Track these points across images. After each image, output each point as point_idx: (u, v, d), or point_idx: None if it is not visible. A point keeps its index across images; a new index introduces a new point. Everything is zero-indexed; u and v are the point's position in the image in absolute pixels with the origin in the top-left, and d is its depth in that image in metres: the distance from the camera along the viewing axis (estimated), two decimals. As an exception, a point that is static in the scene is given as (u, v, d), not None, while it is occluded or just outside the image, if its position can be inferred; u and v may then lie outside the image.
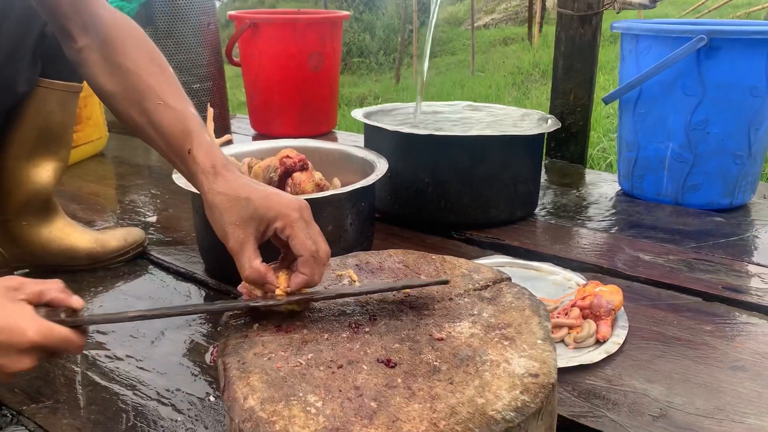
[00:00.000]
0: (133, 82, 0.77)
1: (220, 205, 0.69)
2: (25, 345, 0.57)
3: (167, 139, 0.76)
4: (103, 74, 0.78)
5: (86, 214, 1.40)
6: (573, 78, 1.71)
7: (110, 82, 0.78)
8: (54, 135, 1.04)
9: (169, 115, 0.76)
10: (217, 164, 0.72)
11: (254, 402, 0.53)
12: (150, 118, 0.76)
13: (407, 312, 0.67)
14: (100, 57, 0.78)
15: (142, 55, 0.80)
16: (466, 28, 8.20)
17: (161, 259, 1.17)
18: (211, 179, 0.71)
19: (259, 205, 0.68)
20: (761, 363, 0.84)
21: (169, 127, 0.75)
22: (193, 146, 0.73)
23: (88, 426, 0.73)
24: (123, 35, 0.80)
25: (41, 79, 0.99)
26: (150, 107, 0.76)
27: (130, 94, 0.77)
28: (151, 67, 0.79)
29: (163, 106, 0.76)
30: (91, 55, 0.78)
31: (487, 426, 0.49)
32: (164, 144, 0.76)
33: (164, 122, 0.76)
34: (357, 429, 0.49)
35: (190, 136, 0.74)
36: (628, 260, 1.14)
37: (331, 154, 1.23)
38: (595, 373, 0.82)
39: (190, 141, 0.74)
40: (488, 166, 1.25)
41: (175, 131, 0.75)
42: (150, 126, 0.77)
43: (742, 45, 1.26)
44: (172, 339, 0.92)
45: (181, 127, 0.75)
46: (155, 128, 0.76)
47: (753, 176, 1.40)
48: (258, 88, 2.04)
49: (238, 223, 0.67)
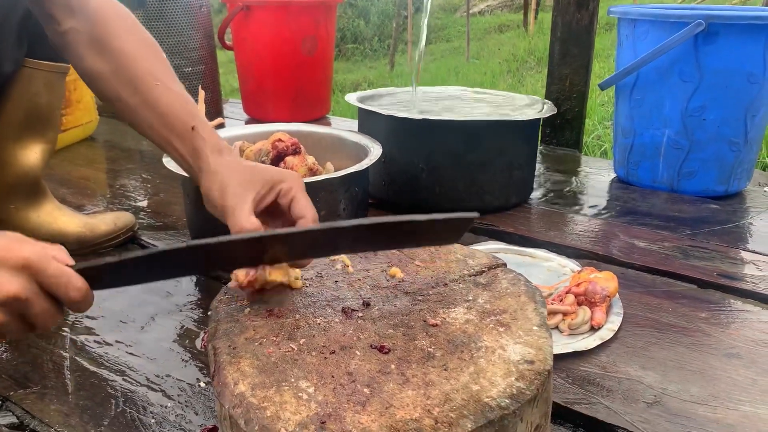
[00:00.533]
0: (127, 63, 0.76)
1: (223, 170, 0.69)
2: (17, 261, 0.53)
3: (166, 118, 0.74)
4: (91, 55, 0.77)
5: (76, 199, 1.38)
6: (569, 63, 1.70)
7: (99, 62, 0.76)
8: (41, 116, 1.02)
9: (168, 95, 0.75)
10: (223, 145, 0.73)
11: (245, 387, 0.52)
12: (145, 98, 0.75)
13: (401, 297, 0.66)
14: (88, 38, 0.76)
15: (135, 37, 0.78)
16: (462, 15, 8.16)
17: (152, 244, 1.15)
18: (218, 153, 0.71)
19: (262, 170, 0.69)
20: (756, 350, 0.84)
21: (169, 106, 0.74)
22: (197, 123, 0.73)
23: (76, 411, 0.72)
24: (113, 17, 0.78)
25: (27, 59, 0.97)
26: (145, 87, 0.75)
27: (123, 75, 0.76)
28: (145, 50, 0.78)
29: (161, 87, 0.75)
30: (78, 37, 0.77)
31: (482, 413, 0.49)
32: (161, 123, 0.75)
33: (163, 101, 0.75)
34: (349, 415, 0.48)
35: (192, 115, 0.74)
36: (623, 247, 1.13)
37: (324, 139, 1.22)
38: (589, 359, 0.82)
39: (194, 119, 0.73)
40: (483, 151, 1.23)
41: (175, 110, 0.74)
42: (145, 106, 0.75)
43: (740, 31, 1.25)
44: (162, 324, 0.91)
45: (181, 106, 0.75)
46: (152, 107, 0.75)
47: (749, 163, 1.39)
48: (251, 72, 2.02)
49: (240, 183, 0.67)
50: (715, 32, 1.26)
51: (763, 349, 0.84)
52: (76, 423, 0.71)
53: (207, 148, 0.72)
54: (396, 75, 6.43)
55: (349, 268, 0.72)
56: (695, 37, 1.27)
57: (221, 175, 0.69)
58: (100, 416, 0.72)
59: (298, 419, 0.48)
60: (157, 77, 0.75)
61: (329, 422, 0.48)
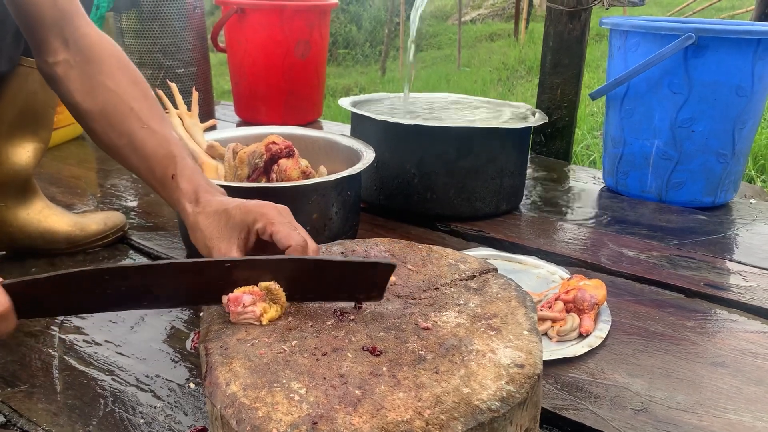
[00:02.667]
0: (115, 103, 0.76)
1: (201, 223, 0.70)
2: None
3: (149, 164, 0.75)
4: (81, 92, 0.77)
5: (66, 198, 1.37)
6: (560, 73, 1.71)
7: (88, 100, 0.77)
8: (35, 115, 1.02)
9: (152, 140, 0.75)
10: (199, 189, 0.73)
11: (237, 388, 0.52)
12: (131, 140, 0.76)
13: (393, 301, 0.66)
14: (79, 74, 0.77)
15: (126, 77, 0.79)
16: (453, 23, 8.20)
17: (142, 244, 1.15)
18: (194, 202, 0.72)
19: (236, 213, 0.68)
20: (741, 359, 0.85)
21: (152, 151, 0.75)
22: (176, 171, 0.73)
23: (64, 411, 0.72)
24: (107, 56, 0.79)
25: (23, 58, 0.97)
26: (132, 130, 0.76)
27: (110, 115, 0.76)
28: (134, 91, 0.78)
29: (146, 130, 0.75)
30: (70, 72, 0.77)
31: (472, 415, 0.49)
32: (145, 168, 0.76)
33: (147, 146, 0.75)
34: (341, 417, 0.49)
35: (173, 161, 0.74)
36: (611, 255, 1.14)
37: (317, 142, 1.22)
38: (577, 366, 0.83)
39: (174, 166, 0.74)
40: (475, 158, 1.24)
41: (158, 156, 0.75)
42: (130, 149, 0.76)
43: (730, 44, 1.26)
44: (152, 325, 0.90)
45: (164, 152, 0.75)
46: (137, 151, 0.76)
47: (736, 175, 1.41)
48: (243, 74, 2.02)
49: (219, 236, 0.68)
50: (705, 45, 1.27)
51: (748, 359, 0.85)
52: (64, 422, 0.70)
53: (184, 199, 0.72)
54: (387, 80, 6.45)
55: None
56: (685, 49, 1.28)
57: (201, 232, 0.70)
58: (88, 416, 0.71)
59: (289, 420, 0.48)
60: (144, 120, 0.76)
61: (321, 423, 0.48)
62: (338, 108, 4.69)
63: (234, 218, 0.68)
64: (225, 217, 0.69)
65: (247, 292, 0.61)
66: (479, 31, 8.15)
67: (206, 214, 0.70)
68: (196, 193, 0.72)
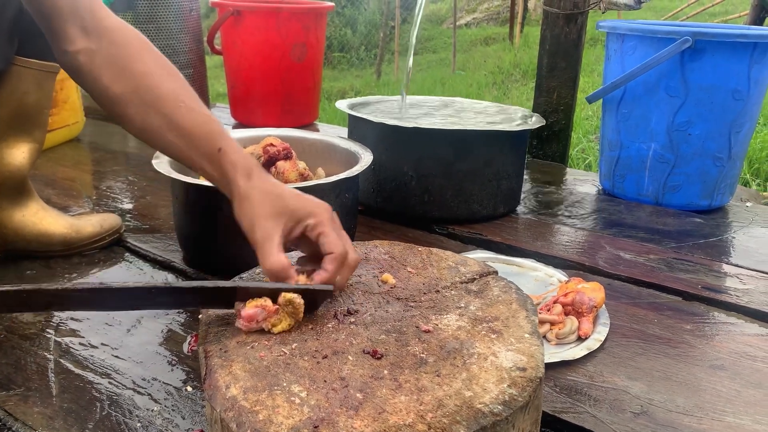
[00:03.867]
0: (149, 85, 0.75)
1: (253, 198, 0.69)
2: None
3: (192, 140, 0.74)
4: (109, 76, 0.75)
5: (61, 200, 1.36)
6: (557, 76, 1.72)
7: (118, 84, 0.75)
8: (29, 115, 1.01)
9: (193, 116, 0.74)
10: (251, 165, 0.72)
11: (237, 391, 0.51)
12: (170, 119, 0.74)
13: (393, 303, 0.66)
14: (105, 59, 0.75)
15: (153, 59, 0.78)
16: (448, 27, 8.21)
17: (138, 247, 1.14)
18: (246, 175, 0.71)
19: (291, 202, 0.68)
20: (740, 362, 0.85)
21: (194, 127, 0.74)
22: (223, 145, 0.72)
23: (60, 414, 0.71)
24: (130, 39, 0.78)
25: (17, 57, 0.96)
26: (169, 109, 0.74)
27: (144, 97, 0.75)
28: (164, 71, 0.77)
29: (185, 108, 0.74)
30: (94, 58, 0.75)
31: (475, 419, 0.49)
32: (188, 145, 0.75)
33: (188, 123, 0.74)
34: (342, 420, 0.48)
35: (220, 135, 0.73)
36: (609, 258, 1.14)
37: (315, 145, 1.22)
38: (576, 369, 0.82)
39: (221, 140, 0.73)
40: (472, 160, 1.24)
41: (202, 131, 0.74)
42: (170, 127, 0.74)
43: (726, 48, 1.27)
44: (149, 327, 0.90)
45: (208, 128, 0.74)
46: (177, 129, 0.74)
47: (732, 179, 1.41)
48: (240, 77, 2.01)
49: (268, 215, 0.67)
50: (702, 49, 1.28)
51: (746, 362, 0.85)
52: (59, 426, 0.69)
53: (236, 171, 0.71)
54: (382, 84, 6.46)
55: (340, 273, 0.72)
56: (682, 53, 1.29)
57: (250, 206, 0.69)
58: (84, 419, 0.71)
59: (290, 423, 0.48)
60: (180, 98, 0.75)
61: (322, 427, 0.47)
62: (334, 111, 4.70)
63: (288, 205, 0.68)
64: (279, 201, 0.68)
65: (260, 306, 0.61)
66: (474, 35, 8.17)
67: (261, 190, 0.69)
68: (248, 168, 0.71)
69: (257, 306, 0.61)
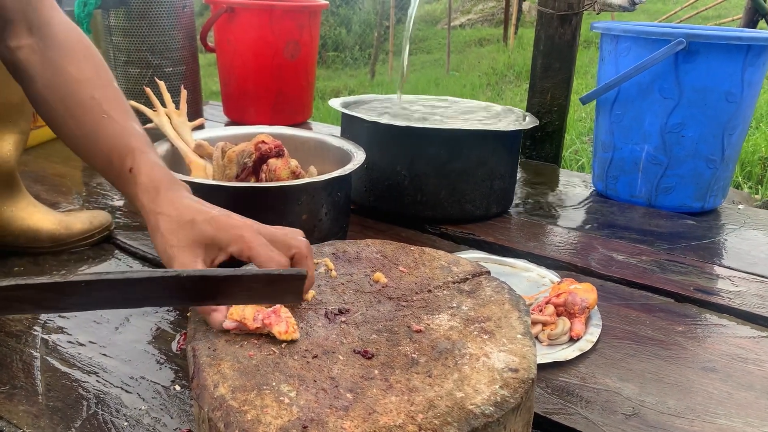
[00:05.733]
0: (76, 91, 0.72)
1: (162, 226, 0.64)
2: None
3: (107, 156, 0.71)
4: (42, 78, 0.73)
5: (50, 196, 1.35)
6: (551, 77, 1.71)
7: (48, 89, 0.73)
8: (12, 105, 0.99)
9: (111, 130, 0.71)
10: (160, 185, 0.67)
11: (225, 390, 0.51)
12: (91, 130, 0.71)
13: (385, 303, 0.65)
14: (41, 60, 0.73)
15: (90, 65, 0.75)
16: (443, 27, 8.22)
17: (128, 244, 1.13)
18: (153, 199, 0.66)
19: (205, 229, 0.63)
20: (731, 364, 0.85)
21: (111, 142, 0.70)
22: (134, 165, 0.68)
23: (46, 413, 0.70)
24: (72, 42, 0.75)
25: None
26: (90, 119, 0.72)
27: (70, 103, 0.72)
28: (97, 79, 0.74)
29: (107, 120, 0.71)
30: (32, 57, 0.73)
31: (466, 420, 0.48)
32: (103, 160, 0.71)
33: (106, 137, 0.71)
34: (332, 420, 0.47)
35: (132, 154, 0.69)
36: (601, 259, 1.14)
37: (307, 143, 1.21)
38: (568, 370, 0.82)
39: (132, 159, 0.69)
40: (465, 160, 1.24)
41: (117, 147, 0.70)
42: (89, 140, 0.72)
43: (720, 50, 1.27)
44: (137, 326, 0.89)
45: (123, 144, 0.70)
46: (94, 142, 0.71)
47: (724, 181, 1.42)
48: (232, 74, 2.00)
49: (184, 246, 0.62)
50: (696, 51, 1.28)
51: (738, 364, 0.85)
52: (45, 425, 0.68)
53: (142, 195, 0.66)
54: (376, 84, 6.46)
55: (332, 272, 0.71)
56: (676, 55, 1.29)
57: (162, 237, 0.63)
58: (71, 418, 0.70)
59: (279, 423, 0.47)
60: (105, 109, 0.72)
61: (311, 427, 0.47)
62: (327, 110, 4.68)
63: (203, 233, 0.63)
64: (193, 230, 0.63)
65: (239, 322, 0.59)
66: (468, 36, 8.18)
67: (168, 218, 0.64)
68: (156, 190, 0.66)
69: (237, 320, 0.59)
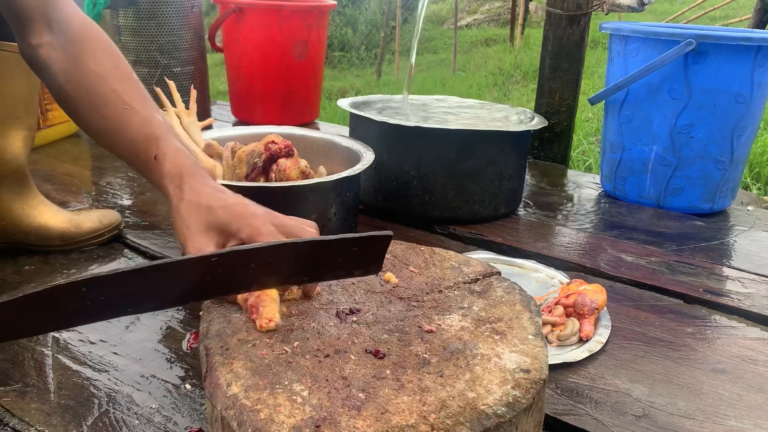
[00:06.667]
0: (97, 85, 0.74)
1: (182, 211, 0.67)
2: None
3: (132, 146, 0.73)
4: (64, 74, 0.75)
5: (60, 195, 1.36)
6: (559, 78, 1.71)
7: (72, 83, 0.75)
8: (19, 101, 1.00)
9: (135, 121, 0.73)
10: (183, 171, 0.69)
11: (238, 389, 0.51)
12: (114, 122, 0.73)
13: (396, 303, 0.66)
14: (63, 56, 0.75)
15: (110, 60, 0.77)
16: (449, 27, 8.21)
17: (137, 243, 1.13)
18: (177, 186, 0.69)
19: (220, 215, 0.66)
20: (741, 366, 0.85)
21: (134, 132, 0.72)
22: (159, 152, 0.71)
23: (58, 411, 0.71)
24: (91, 38, 0.77)
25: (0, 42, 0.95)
26: (113, 112, 0.73)
27: (93, 97, 0.74)
28: (117, 72, 0.76)
29: (129, 111, 0.73)
30: (53, 53, 0.75)
31: (478, 420, 0.48)
32: (128, 151, 0.73)
33: (130, 128, 0.73)
34: (345, 420, 0.48)
35: (156, 143, 0.71)
36: (610, 260, 1.14)
37: (317, 143, 1.21)
38: (577, 371, 0.82)
39: (156, 147, 0.71)
40: (474, 160, 1.24)
41: (140, 137, 0.72)
42: (111, 132, 0.74)
43: (730, 51, 1.26)
44: (148, 324, 0.89)
45: (146, 133, 0.72)
46: (118, 134, 0.73)
47: (733, 182, 1.41)
48: (240, 74, 2.01)
49: (199, 230, 0.65)
50: (705, 52, 1.27)
51: (748, 366, 0.85)
52: (57, 422, 0.69)
53: (166, 180, 0.70)
54: (383, 84, 6.46)
55: (343, 272, 0.71)
56: (685, 55, 1.28)
57: (180, 219, 0.67)
58: (82, 416, 0.70)
59: (292, 422, 0.47)
60: (126, 100, 0.74)
61: (324, 426, 0.47)
62: (334, 110, 4.69)
63: (218, 219, 0.66)
64: (208, 214, 0.66)
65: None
66: (475, 36, 8.16)
67: (188, 202, 0.67)
68: (180, 177, 0.69)
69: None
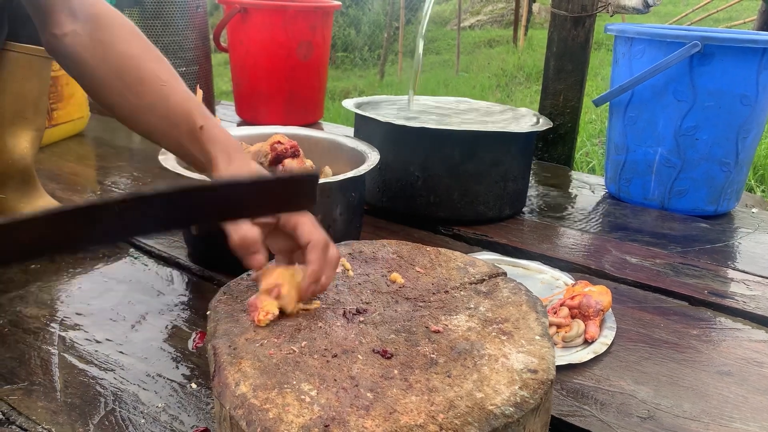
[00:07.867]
0: (131, 67, 0.75)
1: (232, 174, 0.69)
2: None
3: (174, 119, 0.74)
4: (93, 59, 0.76)
5: (66, 194, 1.36)
6: (564, 79, 1.71)
7: (102, 66, 0.75)
8: (27, 101, 1.00)
9: (175, 96, 0.74)
10: (230, 145, 0.72)
11: (246, 388, 0.51)
12: (152, 100, 0.74)
13: (402, 303, 0.66)
14: (90, 42, 0.76)
15: (139, 42, 0.78)
16: (452, 28, 8.21)
17: (143, 243, 1.14)
18: (227, 155, 0.71)
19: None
20: (746, 368, 0.85)
21: (176, 107, 0.74)
22: (205, 124, 0.72)
23: (64, 409, 0.71)
24: (118, 24, 0.78)
25: (11, 43, 0.95)
26: (151, 89, 0.75)
27: (127, 79, 0.75)
28: (148, 53, 0.77)
29: (168, 89, 0.75)
30: (79, 40, 0.76)
31: (486, 421, 0.48)
32: (169, 125, 0.74)
33: (169, 103, 0.74)
34: (353, 419, 0.48)
35: (200, 115, 0.73)
36: (615, 262, 1.14)
37: (322, 143, 1.21)
38: (583, 372, 0.82)
39: (202, 118, 0.73)
40: (479, 162, 1.24)
41: (183, 110, 0.74)
42: (150, 109, 0.75)
43: (735, 53, 1.26)
44: (153, 324, 0.89)
45: (189, 106, 0.74)
46: (159, 110, 0.74)
47: (738, 184, 1.41)
48: (245, 74, 2.01)
49: None
50: (711, 54, 1.27)
51: (753, 368, 0.85)
52: (63, 421, 0.69)
53: (217, 150, 0.71)
54: (386, 85, 6.45)
55: (349, 272, 0.72)
56: (691, 57, 1.28)
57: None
58: (89, 414, 0.70)
59: (301, 422, 0.47)
60: (163, 79, 0.75)
61: (333, 426, 0.47)
62: (337, 111, 4.69)
63: None
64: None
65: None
66: (478, 37, 8.16)
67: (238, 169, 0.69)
68: (229, 148, 0.71)
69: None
